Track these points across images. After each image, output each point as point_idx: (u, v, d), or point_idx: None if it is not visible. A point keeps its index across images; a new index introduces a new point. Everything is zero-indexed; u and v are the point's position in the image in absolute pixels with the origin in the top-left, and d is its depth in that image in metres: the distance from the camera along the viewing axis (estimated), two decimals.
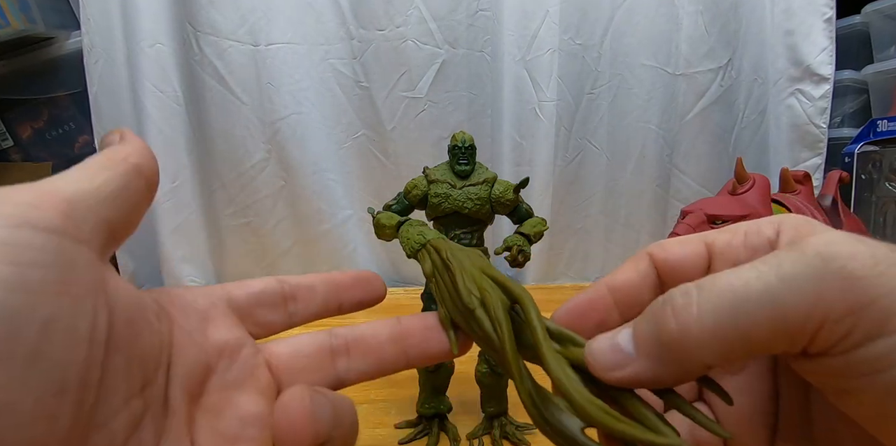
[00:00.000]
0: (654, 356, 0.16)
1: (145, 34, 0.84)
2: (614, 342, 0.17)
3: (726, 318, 0.15)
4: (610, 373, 0.16)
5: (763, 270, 0.15)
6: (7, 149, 1.00)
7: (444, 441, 0.44)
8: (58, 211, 0.14)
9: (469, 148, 0.43)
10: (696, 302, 0.15)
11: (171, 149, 0.88)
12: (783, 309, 0.14)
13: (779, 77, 0.98)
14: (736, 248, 0.19)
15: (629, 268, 0.20)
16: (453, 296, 0.21)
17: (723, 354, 0.15)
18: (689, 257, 0.19)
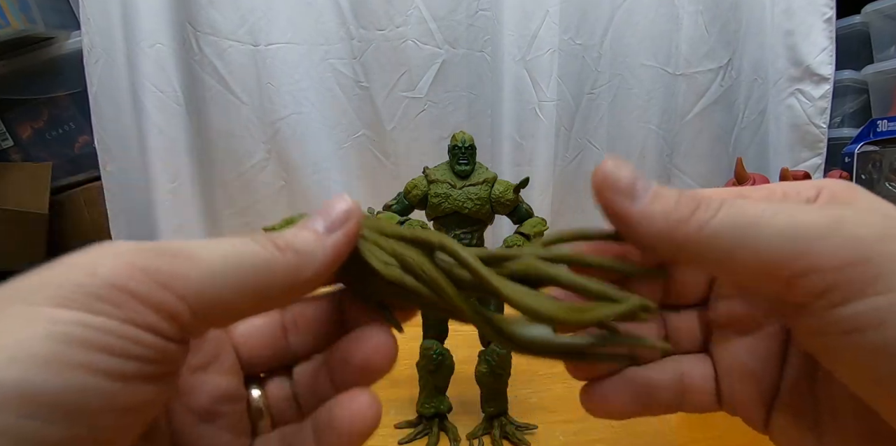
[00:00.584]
0: (656, 217, 0.16)
1: (145, 34, 0.84)
2: (632, 180, 0.16)
3: (730, 235, 0.15)
4: (610, 194, 0.16)
5: (780, 211, 0.15)
6: (7, 149, 1.00)
7: (444, 441, 0.44)
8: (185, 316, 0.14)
9: (469, 148, 0.43)
10: (718, 210, 0.16)
11: (171, 149, 0.88)
12: (777, 245, 0.15)
13: (779, 77, 0.98)
14: None
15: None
16: (369, 277, 0.19)
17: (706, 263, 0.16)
18: None
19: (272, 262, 0.16)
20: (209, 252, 0.15)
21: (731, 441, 0.43)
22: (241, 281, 0.15)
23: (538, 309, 0.17)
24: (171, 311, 0.14)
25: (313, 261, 0.17)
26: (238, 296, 0.15)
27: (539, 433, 0.45)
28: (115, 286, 0.13)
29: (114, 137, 0.88)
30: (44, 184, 0.96)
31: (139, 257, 0.14)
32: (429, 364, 0.44)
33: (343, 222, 0.19)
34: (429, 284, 0.18)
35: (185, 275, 0.14)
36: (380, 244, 0.19)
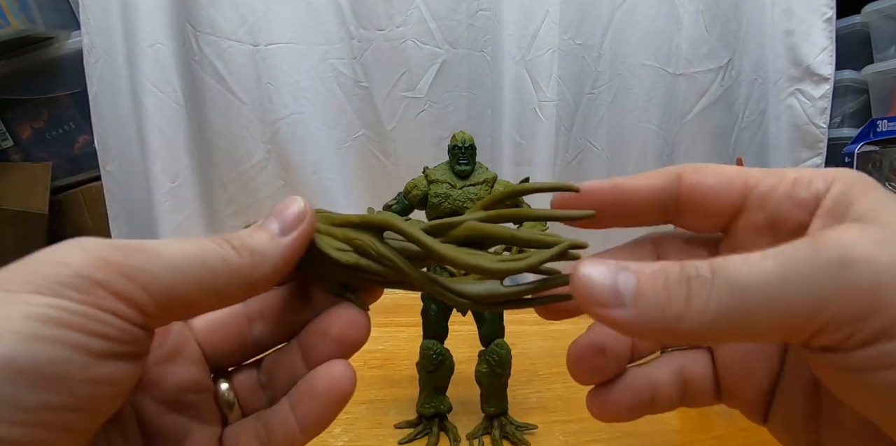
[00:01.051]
0: (650, 318, 0.15)
1: (145, 34, 0.84)
2: (613, 282, 0.16)
3: (731, 312, 0.15)
4: (597, 309, 0.16)
5: (776, 267, 0.14)
6: (7, 149, 1.00)
7: (444, 441, 0.44)
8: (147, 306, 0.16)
9: (469, 148, 0.43)
10: (710, 289, 0.15)
11: (171, 149, 0.88)
12: (785, 311, 0.14)
13: (779, 77, 0.98)
14: (779, 197, 0.18)
15: (647, 178, 0.20)
16: (327, 266, 0.20)
17: (718, 339, 0.16)
18: (720, 189, 0.19)
19: (228, 261, 0.17)
20: (169, 249, 0.17)
21: (730, 441, 0.43)
22: (199, 276, 0.17)
23: (476, 264, 0.18)
24: (133, 299, 0.16)
25: (267, 260, 0.18)
26: (196, 290, 0.17)
27: (539, 433, 0.45)
28: (83, 276, 0.15)
29: (114, 137, 0.88)
30: (44, 184, 0.96)
31: (106, 252, 0.16)
32: (429, 364, 0.44)
33: (297, 223, 0.19)
34: (380, 261, 0.20)
35: (146, 269, 0.16)
36: (332, 233, 0.21)
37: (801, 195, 0.17)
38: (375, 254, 0.20)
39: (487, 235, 0.20)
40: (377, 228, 0.20)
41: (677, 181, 0.19)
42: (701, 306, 0.15)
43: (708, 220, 0.20)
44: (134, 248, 0.16)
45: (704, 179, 0.19)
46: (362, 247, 0.20)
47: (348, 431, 0.44)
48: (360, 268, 0.20)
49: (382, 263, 0.20)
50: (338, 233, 0.20)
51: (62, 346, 0.14)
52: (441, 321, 0.44)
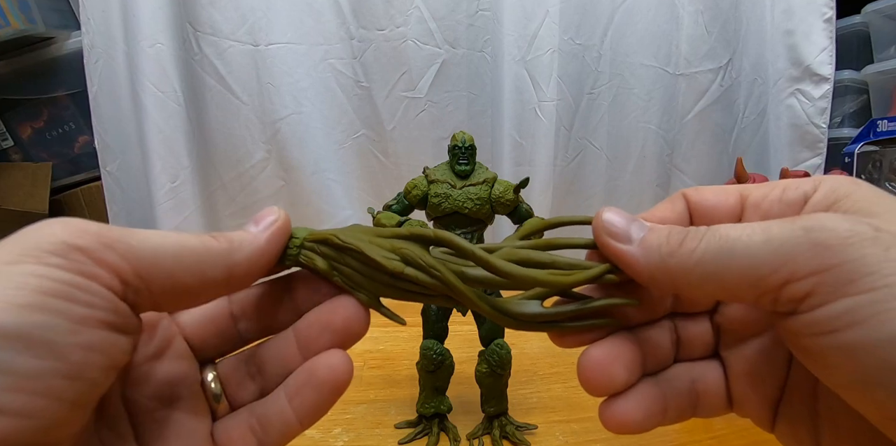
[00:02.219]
0: (648, 253, 0.18)
1: (145, 34, 0.84)
2: (628, 226, 0.19)
3: (715, 260, 0.17)
4: (607, 239, 0.19)
5: (756, 230, 0.17)
6: (7, 149, 1.00)
7: (444, 441, 0.44)
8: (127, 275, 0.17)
9: (469, 148, 0.43)
10: (700, 239, 0.17)
11: (171, 149, 0.88)
12: (756, 262, 0.16)
13: (779, 77, 0.98)
14: (770, 201, 0.20)
15: (666, 207, 0.22)
16: (370, 273, 0.20)
17: (700, 283, 0.18)
18: (721, 204, 0.21)
19: (207, 244, 0.19)
20: (150, 232, 0.18)
21: (730, 441, 0.43)
22: (177, 252, 0.18)
23: (532, 276, 0.19)
24: (115, 267, 0.16)
25: (244, 247, 0.19)
26: (175, 264, 0.18)
27: (539, 433, 0.45)
28: (66, 243, 0.16)
29: (114, 137, 0.88)
30: (44, 184, 0.96)
31: (87, 225, 0.16)
32: (429, 364, 0.44)
33: (272, 223, 0.20)
34: (428, 271, 0.20)
35: (127, 242, 0.17)
36: (378, 244, 0.21)
37: (790, 196, 0.19)
38: (424, 264, 0.20)
39: (526, 260, 0.20)
40: (425, 242, 0.21)
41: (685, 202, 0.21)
42: (690, 247, 0.17)
43: None
44: (115, 227, 0.17)
45: (705, 194, 0.21)
46: (410, 256, 0.20)
47: (348, 431, 0.44)
48: (406, 277, 0.20)
49: (430, 273, 0.20)
50: (384, 244, 0.21)
51: (48, 313, 0.15)
52: (441, 321, 0.44)
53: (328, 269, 0.21)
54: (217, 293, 0.20)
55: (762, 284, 0.16)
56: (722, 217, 0.20)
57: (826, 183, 0.18)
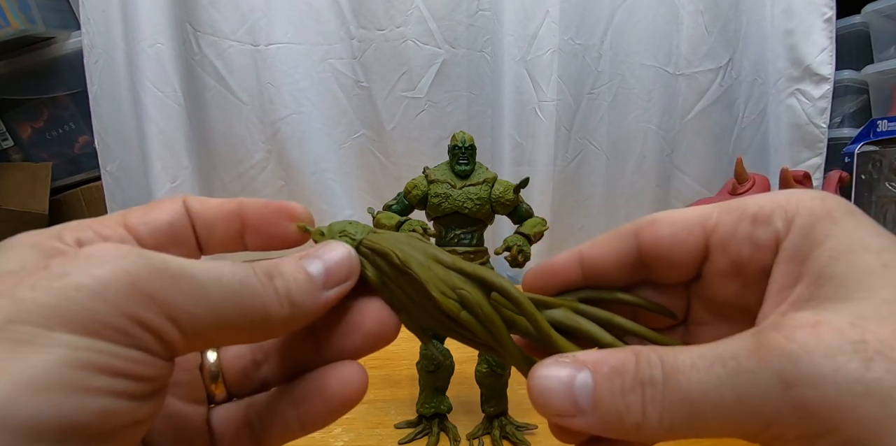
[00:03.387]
0: (610, 424, 0.16)
1: (145, 34, 0.84)
2: (569, 388, 0.16)
3: (684, 419, 0.15)
4: (556, 419, 0.16)
5: (721, 378, 0.14)
6: (7, 149, 1.00)
7: (444, 441, 0.44)
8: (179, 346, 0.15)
9: (469, 148, 0.43)
10: (662, 399, 0.15)
11: (171, 149, 0.88)
12: (735, 423, 0.14)
13: (779, 77, 0.98)
14: (739, 240, 0.18)
15: (608, 243, 0.20)
16: (420, 301, 0.19)
17: (677, 437, 0.15)
18: (679, 241, 0.18)
19: (268, 311, 0.16)
20: (213, 283, 0.15)
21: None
22: (234, 322, 0.16)
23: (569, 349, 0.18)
24: (170, 339, 0.15)
25: (303, 315, 0.17)
26: (227, 334, 0.16)
27: (539, 433, 0.45)
28: (124, 314, 0.14)
29: (114, 137, 0.88)
30: (44, 184, 0.96)
31: (145, 279, 0.14)
32: (429, 364, 0.44)
33: (343, 279, 0.18)
34: (485, 323, 0.19)
35: (185, 308, 0.15)
36: (436, 272, 0.19)
37: (761, 237, 0.17)
38: (481, 314, 0.18)
39: (582, 331, 0.19)
40: (487, 286, 0.19)
41: (635, 240, 0.19)
42: (656, 416, 0.15)
43: (676, 272, 0.19)
44: (176, 276, 0.15)
45: (660, 232, 0.19)
46: (469, 301, 0.18)
47: (348, 431, 0.44)
48: (459, 320, 0.19)
49: (484, 325, 0.18)
50: (442, 274, 0.19)
51: (108, 395, 0.13)
52: None
53: (378, 283, 0.19)
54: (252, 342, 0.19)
55: (753, 439, 0.15)
56: (679, 259, 0.19)
57: (799, 220, 0.16)
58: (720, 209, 0.18)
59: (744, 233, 0.17)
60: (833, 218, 0.16)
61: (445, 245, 0.43)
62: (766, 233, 0.17)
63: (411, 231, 0.40)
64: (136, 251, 0.15)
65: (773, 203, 0.17)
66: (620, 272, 0.20)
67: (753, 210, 0.17)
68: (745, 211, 0.18)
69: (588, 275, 0.20)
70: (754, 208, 0.17)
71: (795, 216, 0.16)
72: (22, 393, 0.12)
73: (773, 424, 0.14)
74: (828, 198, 0.16)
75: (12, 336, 0.12)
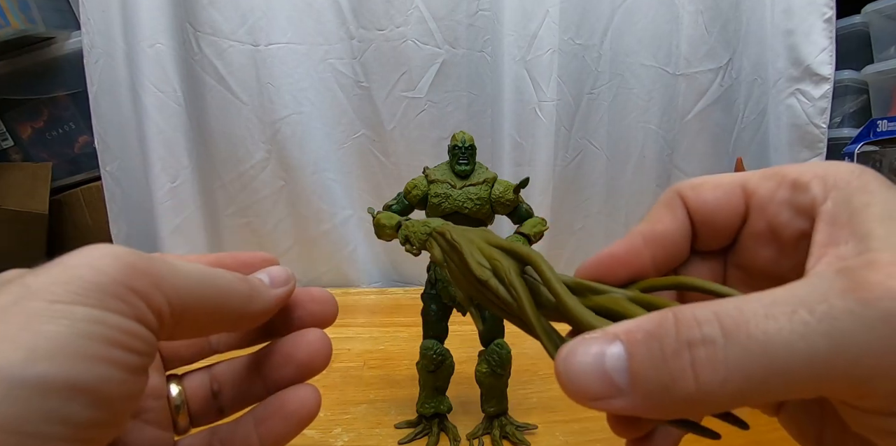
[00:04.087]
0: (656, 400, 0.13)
1: (145, 34, 0.83)
2: (602, 367, 0.13)
3: (758, 379, 0.12)
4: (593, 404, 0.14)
5: (809, 325, 0.12)
6: (7, 149, 1.00)
7: (444, 441, 0.44)
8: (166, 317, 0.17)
9: (469, 148, 0.43)
10: (724, 358, 0.12)
11: (171, 149, 0.88)
12: (834, 375, 0.12)
13: (779, 77, 0.98)
14: (777, 203, 0.17)
15: (664, 215, 0.19)
16: (466, 274, 0.21)
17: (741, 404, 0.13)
18: (723, 205, 0.18)
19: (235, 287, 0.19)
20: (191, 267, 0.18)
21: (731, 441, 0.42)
22: (210, 295, 0.18)
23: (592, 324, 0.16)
24: (160, 310, 0.16)
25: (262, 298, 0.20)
26: (205, 307, 0.18)
27: (539, 433, 0.45)
28: (122, 283, 0.15)
29: (114, 137, 0.88)
30: (44, 184, 0.96)
31: (134, 259, 0.16)
32: (429, 364, 0.44)
33: (284, 283, 0.22)
34: (508, 289, 0.19)
35: (171, 281, 0.17)
36: (481, 248, 0.21)
37: (800, 201, 0.17)
38: (507, 279, 0.20)
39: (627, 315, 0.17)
40: (522, 260, 0.20)
41: (684, 207, 0.19)
42: (719, 380, 0.12)
43: (717, 237, 0.19)
44: (157, 259, 0.17)
45: (706, 196, 0.18)
46: (499, 269, 0.20)
47: (348, 431, 0.44)
48: (488, 287, 0.20)
49: (508, 290, 0.19)
50: (486, 251, 0.21)
51: (109, 364, 0.15)
52: (441, 321, 0.44)
53: (441, 260, 0.23)
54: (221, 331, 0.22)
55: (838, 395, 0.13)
56: (724, 220, 0.18)
57: (837, 190, 0.16)
58: (759, 175, 0.18)
59: (783, 197, 0.17)
60: (870, 189, 0.15)
61: None
62: (805, 199, 0.16)
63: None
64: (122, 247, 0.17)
65: (811, 172, 0.17)
66: (685, 244, 0.19)
67: (793, 176, 0.17)
68: (785, 177, 0.17)
69: (657, 256, 0.19)
70: (793, 175, 0.17)
71: (834, 186, 0.16)
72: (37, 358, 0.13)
73: (875, 376, 0.12)
74: (865, 171, 0.16)
75: (25, 310, 0.14)
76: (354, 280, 0.94)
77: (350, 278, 0.94)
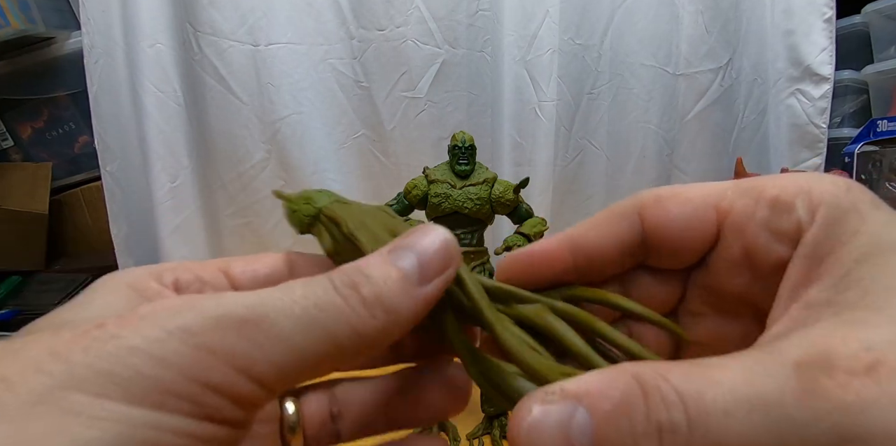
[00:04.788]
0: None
1: (145, 34, 0.83)
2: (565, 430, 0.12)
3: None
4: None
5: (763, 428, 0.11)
6: (7, 149, 1.00)
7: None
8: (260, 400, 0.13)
9: (469, 148, 0.43)
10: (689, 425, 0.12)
11: (171, 149, 0.88)
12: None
13: (779, 77, 0.98)
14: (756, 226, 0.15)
15: (606, 225, 0.17)
16: None
17: None
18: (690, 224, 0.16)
19: (357, 329, 0.14)
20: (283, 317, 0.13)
21: None
22: (321, 352, 0.13)
23: (528, 363, 0.15)
24: (249, 396, 0.13)
25: (401, 321, 0.14)
26: (313, 368, 0.14)
27: None
28: (191, 378, 0.12)
29: (114, 137, 0.88)
30: (44, 184, 0.97)
31: (214, 338, 0.12)
32: None
33: (443, 269, 0.15)
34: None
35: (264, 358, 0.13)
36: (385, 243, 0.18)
37: (782, 225, 0.15)
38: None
39: (553, 333, 0.16)
40: None
41: (639, 221, 0.17)
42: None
43: (678, 258, 0.17)
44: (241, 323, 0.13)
45: (669, 214, 0.16)
46: None
47: None
48: None
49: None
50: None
51: None
52: None
53: (332, 252, 0.18)
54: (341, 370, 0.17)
55: None
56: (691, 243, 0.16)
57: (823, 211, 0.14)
58: (736, 189, 0.16)
59: (762, 219, 0.15)
60: (860, 211, 0.14)
61: None
62: (788, 223, 0.15)
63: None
64: (189, 303, 0.13)
65: (795, 187, 0.15)
66: (619, 258, 0.18)
67: (773, 193, 0.15)
68: (764, 193, 0.15)
69: (580, 264, 0.17)
70: (774, 191, 0.15)
71: (820, 206, 0.14)
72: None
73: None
74: (853, 187, 0.15)
75: (62, 405, 0.11)
76: None
77: None
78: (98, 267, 0.98)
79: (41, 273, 0.98)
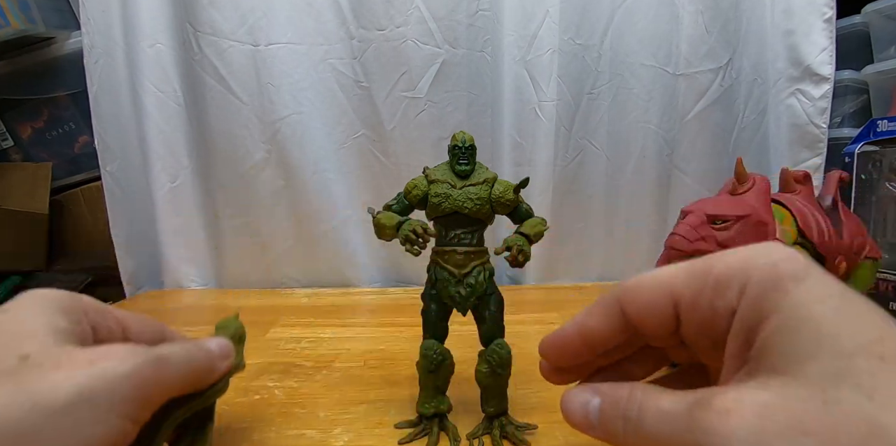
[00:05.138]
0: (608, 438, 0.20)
1: (145, 34, 0.84)
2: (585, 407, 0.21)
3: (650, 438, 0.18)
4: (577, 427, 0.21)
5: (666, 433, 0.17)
6: (7, 149, 1.00)
7: (444, 441, 0.44)
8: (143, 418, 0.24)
9: (469, 148, 0.43)
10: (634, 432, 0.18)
11: (171, 149, 0.88)
12: None
13: (779, 77, 0.98)
14: (703, 308, 0.19)
15: (599, 315, 0.22)
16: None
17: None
18: (654, 310, 0.20)
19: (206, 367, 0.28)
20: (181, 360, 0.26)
21: None
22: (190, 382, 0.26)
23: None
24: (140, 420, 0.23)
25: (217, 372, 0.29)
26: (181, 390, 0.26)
27: (539, 433, 0.45)
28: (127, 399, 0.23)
29: (114, 137, 0.88)
30: (44, 184, 0.97)
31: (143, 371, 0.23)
32: (429, 364, 0.44)
33: (224, 358, 0.30)
34: None
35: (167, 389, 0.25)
36: None
37: (721, 305, 0.19)
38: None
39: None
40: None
41: (620, 311, 0.21)
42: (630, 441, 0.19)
43: (658, 336, 0.22)
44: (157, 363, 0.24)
45: (639, 301, 0.21)
46: None
47: (348, 431, 0.44)
48: None
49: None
50: None
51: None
52: (441, 321, 0.44)
53: None
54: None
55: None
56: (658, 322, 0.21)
57: (750, 290, 0.18)
58: (687, 273, 0.20)
59: (706, 301, 0.19)
60: (784, 289, 0.17)
61: (445, 245, 0.43)
62: (724, 302, 0.18)
63: (411, 230, 0.40)
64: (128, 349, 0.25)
65: (736, 265, 0.18)
66: (616, 338, 0.22)
67: (716, 274, 0.19)
68: (708, 276, 0.19)
69: (588, 344, 0.23)
70: (718, 270, 0.19)
71: (747, 285, 0.18)
72: None
73: None
74: (781, 261, 0.18)
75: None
76: (354, 280, 0.94)
77: (350, 278, 0.94)
78: (98, 267, 0.98)
79: (41, 273, 0.98)
